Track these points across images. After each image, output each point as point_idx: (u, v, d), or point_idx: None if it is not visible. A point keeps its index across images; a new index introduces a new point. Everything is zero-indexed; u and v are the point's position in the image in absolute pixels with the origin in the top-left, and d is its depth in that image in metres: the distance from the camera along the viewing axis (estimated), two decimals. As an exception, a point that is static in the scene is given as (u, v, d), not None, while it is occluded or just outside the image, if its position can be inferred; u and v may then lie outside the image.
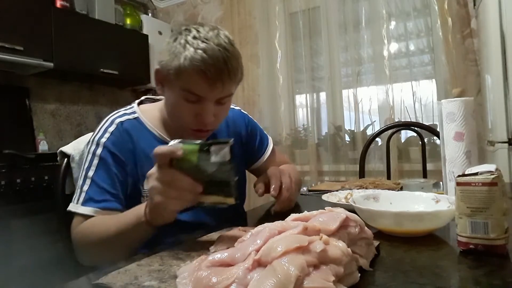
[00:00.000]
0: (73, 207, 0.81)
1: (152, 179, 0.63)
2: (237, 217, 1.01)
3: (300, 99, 2.87)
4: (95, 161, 0.82)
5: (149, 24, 3.20)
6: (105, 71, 2.72)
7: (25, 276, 1.83)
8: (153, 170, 0.64)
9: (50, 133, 2.76)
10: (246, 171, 1.14)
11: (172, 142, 0.64)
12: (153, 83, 3.10)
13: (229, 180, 0.62)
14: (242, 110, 1.12)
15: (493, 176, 0.54)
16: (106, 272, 0.53)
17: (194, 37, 0.77)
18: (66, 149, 1.03)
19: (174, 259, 0.58)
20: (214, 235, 0.71)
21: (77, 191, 0.82)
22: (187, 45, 0.77)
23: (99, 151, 0.83)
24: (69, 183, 1.02)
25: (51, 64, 2.37)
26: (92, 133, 0.93)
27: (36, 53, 2.30)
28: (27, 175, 1.98)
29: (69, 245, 0.94)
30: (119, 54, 2.83)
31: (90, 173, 0.82)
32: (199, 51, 0.75)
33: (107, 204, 0.80)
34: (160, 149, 0.62)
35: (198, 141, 0.62)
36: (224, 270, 0.42)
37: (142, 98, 1.01)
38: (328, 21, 2.67)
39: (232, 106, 1.08)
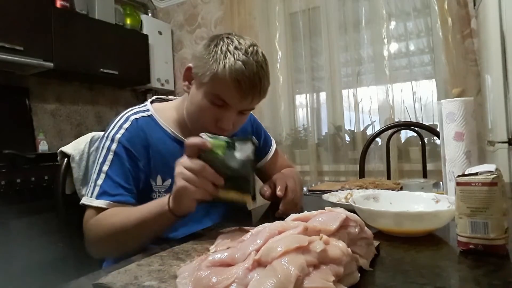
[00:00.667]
0: (86, 200, 0.82)
1: (179, 166, 0.67)
2: (241, 215, 1.01)
3: (300, 99, 2.87)
4: (110, 156, 0.84)
5: (149, 24, 3.20)
6: (105, 71, 2.72)
7: (25, 276, 1.83)
8: (183, 159, 0.67)
9: (50, 133, 2.76)
10: None
11: (202, 135, 0.67)
12: (153, 83, 3.12)
13: (248, 177, 0.67)
14: None
15: (493, 176, 0.54)
16: (106, 272, 0.53)
17: (236, 48, 0.81)
18: (66, 149, 1.03)
19: (174, 259, 0.58)
20: (214, 235, 0.71)
21: (91, 185, 0.83)
22: (228, 54, 0.80)
23: (114, 146, 0.85)
24: (69, 183, 1.02)
25: (51, 64, 2.37)
26: (94, 133, 0.94)
27: (36, 53, 2.30)
28: (27, 175, 1.98)
29: (69, 245, 0.94)
30: (119, 54, 2.83)
31: (105, 168, 0.83)
32: (239, 62, 0.79)
33: (121, 197, 0.81)
34: (191, 140, 0.66)
35: (225, 137, 0.67)
36: (224, 270, 0.42)
37: (153, 97, 1.02)
38: (328, 21, 2.67)
39: None
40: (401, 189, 1.15)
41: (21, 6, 2.24)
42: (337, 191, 1.07)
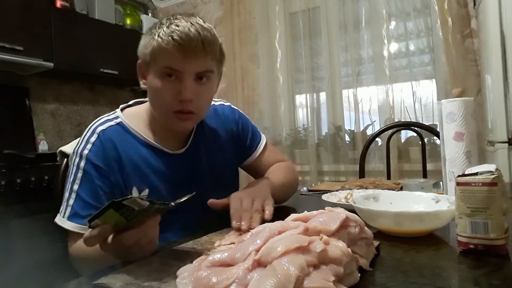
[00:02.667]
0: (59, 220, 0.81)
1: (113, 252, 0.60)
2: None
3: (300, 99, 2.87)
4: (79, 175, 0.82)
5: (149, 24, 3.16)
6: (105, 71, 2.72)
7: (25, 276, 1.83)
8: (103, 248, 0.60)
9: (50, 133, 2.76)
10: (240, 168, 1.11)
11: (86, 230, 0.58)
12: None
13: (166, 210, 0.60)
14: (232, 106, 1.09)
15: (493, 176, 0.54)
16: (106, 272, 0.53)
17: (168, 19, 0.82)
18: (66, 149, 1.02)
19: (174, 259, 0.58)
20: (214, 235, 0.71)
21: (64, 204, 0.82)
22: (161, 27, 0.80)
23: (82, 164, 0.82)
24: (69, 183, 1.01)
25: (51, 64, 2.37)
26: (78, 140, 0.90)
27: (36, 53, 2.30)
28: (27, 175, 1.98)
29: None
30: (119, 54, 2.82)
31: (75, 187, 0.81)
32: (172, 27, 0.78)
33: None
34: (84, 237, 0.57)
35: (107, 204, 0.53)
36: (224, 270, 0.42)
37: (131, 102, 0.98)
38: (328, 21, 2.67)
39: (222, 102, 1.07)
40: (401, 189, 1.15)
41: (21, 6, 2.24)
42: (337, 191, 1.07)
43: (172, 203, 0.59)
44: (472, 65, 2.17)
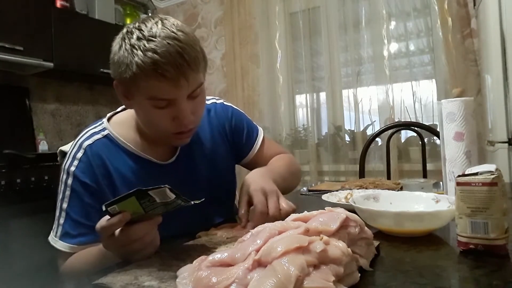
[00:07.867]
0: (52, 239, 0.80)
1: (113, 248, 0.61)
2: (231, 216, 0.99)
3: (300, 99, 2.87)
4: (67, 192, 0.80)
5: (149, 24, 3.20)
6: (105, 71, 2.71)
7: (25, 276, 1.83)
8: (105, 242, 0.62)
9: (50, 133, 2.76)
10: (238, 165, 1.07)
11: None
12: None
13: (184, 205, 0.60)
14: (225, 102, 1.04)
15: (493, 176, 0.54)
16: (106, 272, 0.53)
17: (138, 38, 0.71)
18: (66, 148, 1.02)
19: (174, 259, 0.58)
20: (213, 236, 0.71)
21: (55, 222, 0.81)
22: (134, 50, 0.70)
23: (70, 181, 0.80)
24: (69, 183, 1.01)
25: (51, 64, 2.37)
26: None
27: (36, 53, 2.29)
28: (27, 175, 1.98)
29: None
30: (119, 54, 2.83)
31: (64, 205, 0.79)
32: (149, 53, 0.68)
33: (82, 238, 0.77)
34: (101, 225, 0.59)
35: (132, 191, 0.55)
36: (224, 270, 0.42)
37: (119, 109, 0.94)
38: (328, 21, 2.67)
39: (214, 100, 1.02)
40: (401, 189, 1.15)
41: (21, 6, 2.24)
42: (337, 191, 1.07)
43: (192, 202, 0.60)
44: (472, 65, 2.17)
